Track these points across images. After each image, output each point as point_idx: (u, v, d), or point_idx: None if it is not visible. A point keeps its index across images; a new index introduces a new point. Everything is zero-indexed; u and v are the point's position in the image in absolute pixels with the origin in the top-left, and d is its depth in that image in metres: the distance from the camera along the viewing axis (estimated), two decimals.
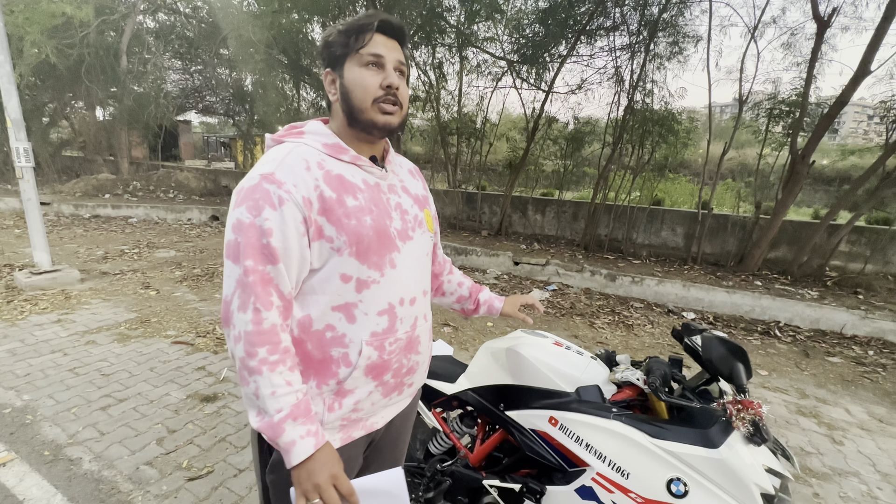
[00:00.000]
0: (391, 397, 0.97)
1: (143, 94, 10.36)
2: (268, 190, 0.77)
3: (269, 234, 0.76)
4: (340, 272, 0.83)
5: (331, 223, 0.81)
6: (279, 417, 0.76)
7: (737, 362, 1.07)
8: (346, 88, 0.85)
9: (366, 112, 0.85)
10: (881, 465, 2.36)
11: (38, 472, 1.90)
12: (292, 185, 0.78)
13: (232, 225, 0.79)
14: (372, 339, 0.87)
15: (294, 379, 0.79)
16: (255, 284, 0.77)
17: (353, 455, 0.95)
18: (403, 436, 1.11)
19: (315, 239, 0.81)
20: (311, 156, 0.84)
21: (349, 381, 0.87)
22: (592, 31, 5.90)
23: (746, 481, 1.00)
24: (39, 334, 3.28)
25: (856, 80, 4.49)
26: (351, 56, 0.84)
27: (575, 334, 4.04)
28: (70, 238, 6.56)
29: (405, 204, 0.95)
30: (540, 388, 1.29)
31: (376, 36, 0.84)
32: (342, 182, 0.84)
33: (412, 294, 0.93)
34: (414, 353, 0.96)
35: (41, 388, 2.56)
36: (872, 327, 4.21)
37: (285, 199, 0.77)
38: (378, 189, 0.90)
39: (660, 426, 1.12)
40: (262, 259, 0.77)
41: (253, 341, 0.77)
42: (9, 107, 3.99)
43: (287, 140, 0.87)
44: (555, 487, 1.18)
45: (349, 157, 0.87)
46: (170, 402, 2.50)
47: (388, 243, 0.87)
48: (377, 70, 0.84)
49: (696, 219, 5.90)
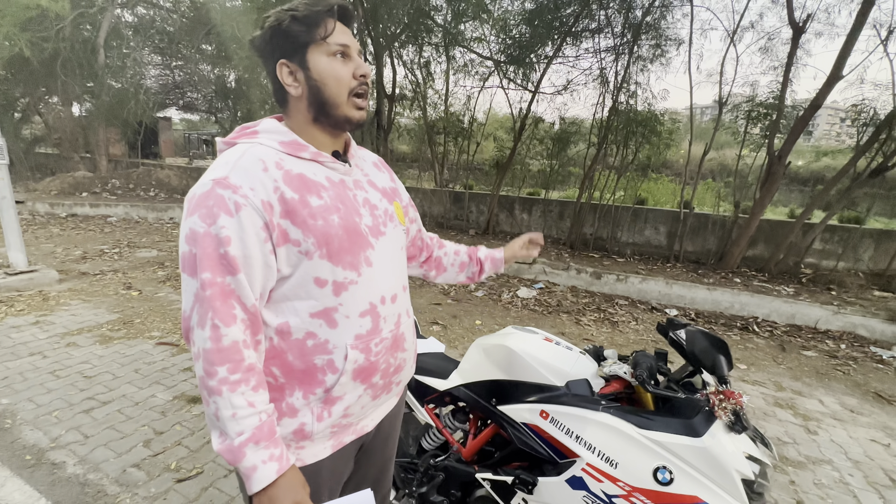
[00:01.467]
0: (380, 398, 0.95)
1: (122, 89, 10.10)
2: (222, 196, 0.71)
3: (226, 243, 0.71)
4: (314, 276, 0.79)
5: (296, 226, 0.76)
6: (240, 441, 0.71)
7: (718, 354, 1.12)
8: (317, 81, 0.79)
9: (341, 107, 0.81)
10: (852, 454, 2.47)
11: (19, 477, 1.86)
12: (249, 189, 0.73)
13: (185, 236, 0.73)
14: (357, 341, 0.83)
15: (257, 399, 0.74)
16: (214, 298, 0.71)
17: (344, 460, 0.94)
18: (392, 436, 1.10)
19: (280, 244, 0.76)
20: (269, 156, 0.78)
21: (337, 388, 0.83)
22: (578, 32, 5.99)
23: (728, 468, 1.05)
24: (16, 336, 3.19)
25: (829, 84, 4.66)
26: (315, 45, 0.78)
27: (562, 331, 4.11)
28: (46, 237, 6.37)
29: (373, 199, 0.91)
30: (531, 383, 1.32)
31: (337, 23, 0.79)
32: (304, 181, 0.78)
33: (393, 291, 0.90)
34: (400, 351, 0.94)
35: (20, 392, 2.50)
36: (844, 322, 4.38)
37: (242, 205, 0.72)
38: (343, 185, 0.85)
39: (646, 417, 1.16)
40: (220, 270, 0.71)
41: (212, 360, 0.72)
42: None
43: (240, 141, 0.81)
44: (546, 479, 1.22)
45: (309, 155, 0.81)
46: (156, 404, 2.47)
47: (360, 241, 0.83)
48: (346, 59, 0.80)
49: (679, 218, 6.05)
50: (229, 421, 0.72)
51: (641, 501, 1.10)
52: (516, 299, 4.93)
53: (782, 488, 2.14)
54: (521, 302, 4.86)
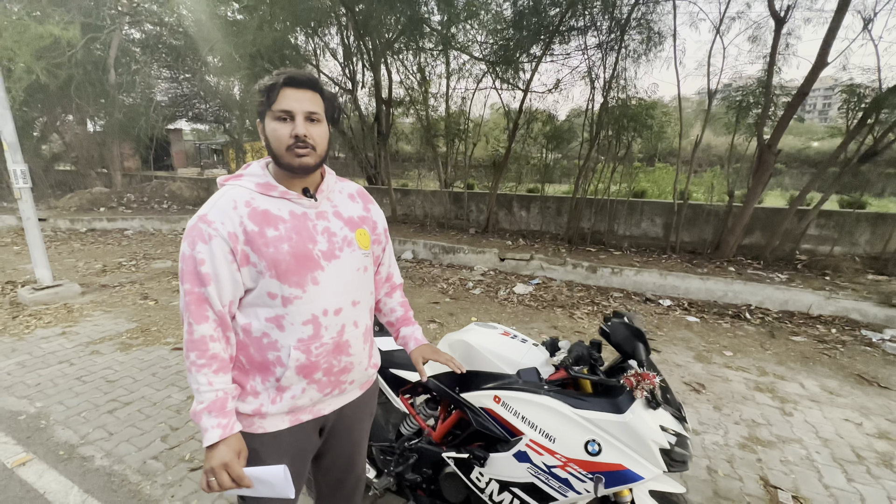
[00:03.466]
0: (331, 393, 1.13)
1: (133, 105, 10.50)
2: (201, 228, 0.98)
3: (200, 263, 0.97)
4: (267, 291, 1.01)
5: (254, 252, 0.99)
6: (199, 408, 0.97)
7: (637, 342, 1.29)
8: (267, 139, 1.02)
9: (283, 157, 1.01)
10: (823, 433, 2.59)
11: (55, 469, 2.12)
12: (220, 224, 0.98)
13: (180, 255, 1.01)
14: (299, 344, 1.03)
15: (216, 380, 0.98)
16: (191, 303, 0.98)
17: (305, 434, 1.13)
18: (358, 424, 1.27)
19: (243, 265, 1.00)
20: (242, 196, 1.02)
21: (284, 380, 1.04)
22: (565, 31, 6.09)
23: (646, 439, 1.22)
24: (46, 346, 3.49)
25: (815, 70, 4.70)
26: (267, 112, 1.00)
27: (555, 325, 4.26)
28: (68, 253, 6.74)
29: (333, 227, 1.10)
30: (487, 372, 1.50)
31: (286, 91, 0.98)
32: (267, 216, 1.01)
33: (337, 305, 1.08)
34: (344, 356, 1.11)
35: (51, 396, 2.77)
36: (837, 307, 4.44)
37: (213, 235, 0.97)
38: (305, 217, 1.06)
39: (580, 398, 1.33)
40: (196, 282, 0.98)
41: (187, 347, 0.99)
42: (4, 131, 4.16)
43: (228, 183, 1.07)
44: (497, 454, 1.40)
45: (278, 193, 1.04)
46: (172, 404, 2.71)
47: (309, 264, 1.03)
48: (288, 122, 0.99)
49: (673, 209, 6.12)
50: (196, 392, 0.99)
51: (575, 470, 1.27)
52: (512, 295, 5.09)
53: (748, 465, 2.29)
54: (517, 298, 5.02)
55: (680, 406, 1.34)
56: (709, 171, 11.19)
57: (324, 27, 7.94)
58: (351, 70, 8.87)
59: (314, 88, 1.02)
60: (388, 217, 8.39)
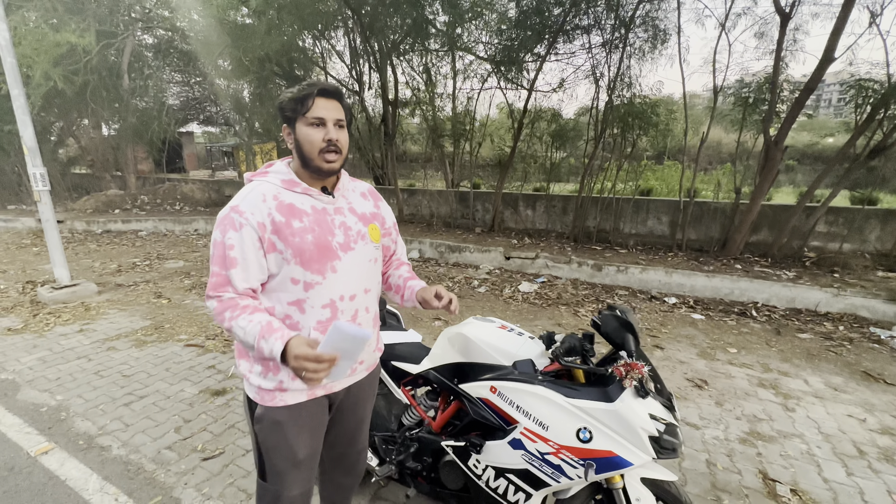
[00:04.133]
0: None
1: (146, 109, 10.74)
2: (233, 218, 1.09)
3: (230, 248, 1.08)
4: (290, 276, 1.12)
5: (280, 240, 1.10)
6: (256, 343, 1.03)
7: (626, 333, 1.33)
8: (298, 142, 1.13)
9: (314, 160, 1.13)
10: (825, 428, 2.60)
11: (75, 458, 2.22)
12: (250, 214, 1.09)
13: (212, 241, 1.12)
14: (318, 325, 1.15)
15: (255, 318, 1.05)
16: (218, 284, 1.09)
17: (320, 408, 1.25)
18: (363, 401, 1.39)
19: (269, 252, 1.11)
20: (269, 190, 1.14)
21: None
22: (569, 30, 6.11)
23: (635, 426, 1.26)
24: (65, 343, 3.62)
25: (821, 66, 4.67)
26: (300, 118, 1.12)
27: (559, 323, 4.29)
28: (85, 253, 6.94)
29: (349, 222, 1.22)
30: (483, 364, 1.56)
31: (319, 100, 1.11)
32: (292, 209, 1.13)
33: (352, 292, 1.20)
34: None
35: (71, 389, 2.89)
36: (845, 304, 4.41)
37: (244, 224, 1.08)
38: (325, 212, 1.18)
39: (573, 388, 1.38)
40: (223, 265, 1.08)
41: (219, 311, 1.08)
42: (25, 136, 4.32)
43: (255, 179, 1.19)
44: (493, 442, 1.45)
45: (301, 189, 1.16)
46: (184, 397, 2.81)
47: (328, 254, 1.14)
48: (321, 128, 1.12)
49: (679, 207, 6.10)
50: (245, 338, 1.05)
51: (567, 457, 1.33)
52: (517, 293, 5.13)
53: (748, 459, 2.31)
54: (522, 296, 5.06)
55: (670, 395, 1.38)
56: (719, 169, 11.12)
57: (330, 30, 8.05)
58: (358, 72, 8.97)
59: (340, 99, 1.16)
60: (395, 216, 8.47)
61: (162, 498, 1.98)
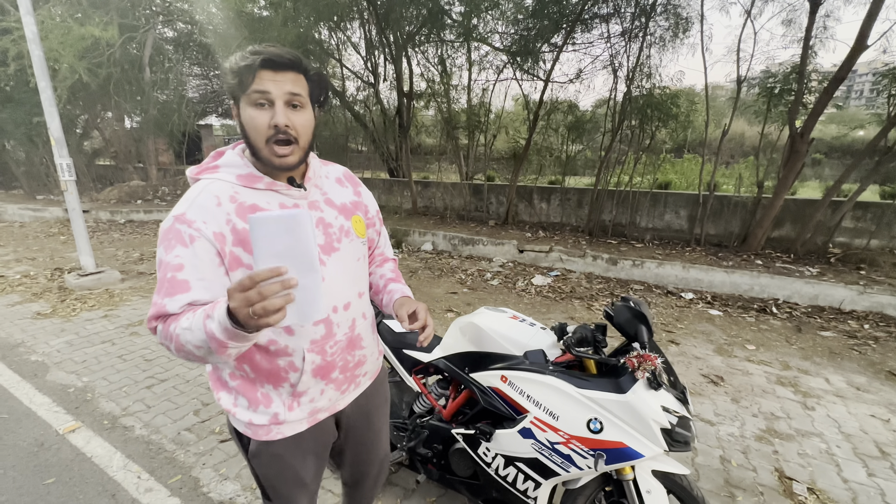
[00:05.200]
0: (347, 389, 1.08)
1: (167, 102, 10.95)
2: (179, 230, 0.83)
3: (178, 269, 0.82)
4: None
5: (248, 252, 0.86)
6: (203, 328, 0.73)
7: (639, 324, 1.32)
8: (243, 127, 0.87)
9: (261, 151, 0.87)
10: (846, 427, 2.53)
11: (100, 437, 2.31)
12: (202, 223, 0.83)
13: (157, 261, 0.86)
14: (312, 346, 0.95)
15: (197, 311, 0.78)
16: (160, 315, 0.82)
17: (323, 430, 1.08)
18: (375, 412, 1.22)
19: (233, 269, 0.86)
20: (224, 191, 0.87)
21: (301, 385, 0.97)
22: (587, 19, 5.98)
23: (646, 418, 1.25)
24: (90, 328, 3.75)
25: (853, 54, 4.47)
26: (244, 95, 0.85)
27: (572, 316, 4.27)
28: (109, 242, 7.16)
29: (328, 217, 0.99)
30: (495, 353, 1.56)
31: (263, 72, 0.83)
32: (256, 211, 0.87)
33: (345, 300, 1.00)
34: (357, 350, 1.06)
35: (96, 372, 3.00)
36: (871, 302, 4.26)
37: (196, 237, 0.83)
38: None
39: (584, 379, 1.38)
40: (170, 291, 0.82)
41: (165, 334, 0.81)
42: (52, 127, 4.46)
43: (203, 177, 0.91)
44: (503, 431, 1.46)
45: (264, 185, 0.90)
46: (203, 381, 2.90)
47: None
48: (266, 108, 0.84)
49: (699, 200, 5.96)
50: (193, 332, 0.75)
51: (577, 447, 1.32)
52: (531, 286, 5.11)
53: (764, 457, 2.27)
54: (536, 289, 5.04)
55: (684, 389, 1.37)
56: (741, 163, 10.80)
57: (346, 21, 8.04)
58: (373, 63, 8.96)
59: (297, 69, 0.86)
60: (409, 209, 8.50)
61: (181, 477, 2.05)
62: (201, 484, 2.00)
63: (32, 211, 8.96)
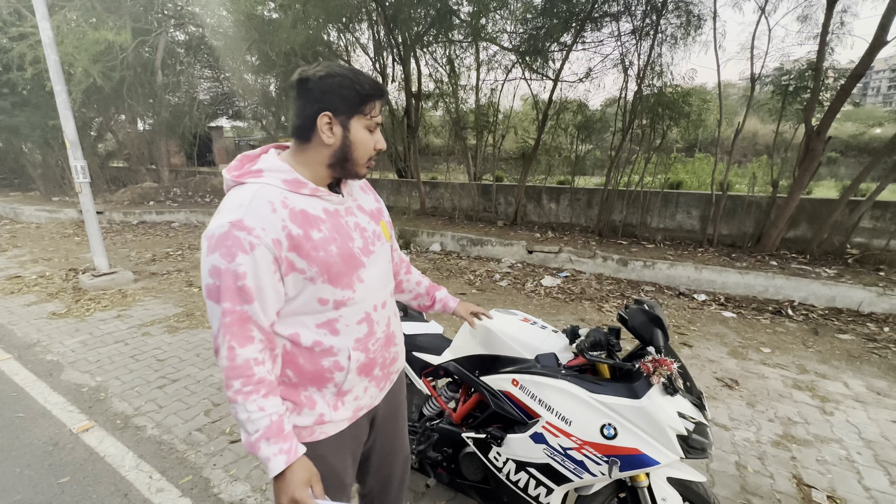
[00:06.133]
0: (384, 387, 1.16)
1: (178, 105, 11.09)
2: (238, 237, 0.84)
3: (243, 277, 0.84)
4: (317, 297, 0.94)
5: (301, 257, 0.90)
6: (255, 437, 0.87)
7: (655, 328, 1.29)
8: (349, 143, 0.95)
9: (356, 166, 0.98)
10: (867, 434, 2.46)
11: (113, 436, 2.34)
12: (261, 230, 0.85)
13: (209, 270, 0.85)
14: (357, 344, 1.01)
15: (268, 404, 0.88)
16: (233, 324, 0.86)
17: (360, 428, 1.14)
18: (399, 409, 1.30)
19: (287, 273, 0.90)
20: (275, 196, 0.90)
21: (346, 383, 1.02)
22: (597, 17, 5.92)
23: (662, 424, 1.22)
24: (104, 328, 3.80)
25: (871, 51, 4.36)
26: (359, 116, 0.94)
27: (582, 318, 4.22)
28: (122, 243, 7.26)
29: (362, 222, 1.05)
30: (506, 356, 1.54)
31: (377, 104, 0.96)
32: (306, 217, 0.92)
33: (382, 299, 1.08)
34: (393, 346, 1.14)
35: (109, 372, 3.04)
36: (891, 304, 4.16)
37: (256, 244, 0.84)
38: (338, 215, 0.99)
39: (597, 383, 1.35)
40: (238, 300, 0.85)
41: (229, 375, 0.87)
42: (66, 129, 4.53)
43: (249, 180, 0.92)
44: (514, 435, 1.44)
45: (309, 191, 0.94)
46: (214, 382, 2.91)
47: (354, 263, 0.98)
48: (373, 133, 0.98)
49: (712, 201, 5.87)
50: (246, 422, 0.88)
51: (590, 452, 1.30)
52: (540, 288, 5.07)
53: (781, 463, 2.21)
54: (545, 290, 5.00)
55: (700, 394, 1.33)
56: (754, 162, 10.62)
57: (355, 22, 8.07)
58: (381, 64, 8.98)
59: None
60: (417, 210, 8.49)
61: (192, 477, 2.06)
62: (212, 484, 2.01)
63: (48, 212, 9.13)
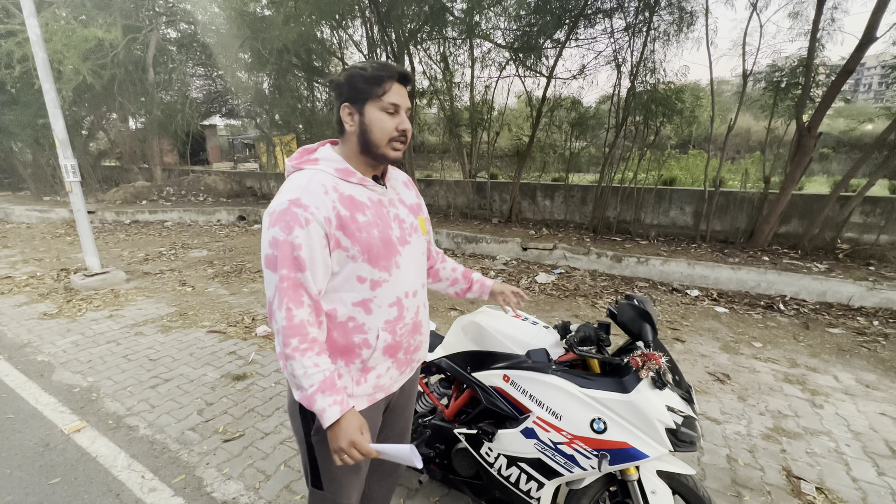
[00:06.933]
0: (405, 371, 1.21)
1: (171, 103, 10.99)
2: (296, 213, 0.96)
3: (298, 248, 0.95)
4: (357, 275, 1.04)
5: (346, 236, 1.00)
6: (311, 391, 0.97)
7: (644, 323, 1.30)
8: (366, 127, 1.03)
9: (381, 147, 1.05)
10: (855, 426, 2.49)
11: (105, 437, 2.32)
12: (315, 208, 0.97)
13: (269, 241, 0.97)
14: (386, 325, 1.09)
15: (321, 361, 0.99)
16: (289, 289, 0.96)
17: (377, 412, 1.20)
18: (412, 399, 1.36)
19: (334, 249, 1.01)
20: (328, 181, 1.02)
21: (371, 360, 1.09)
22: (590, 14, 5.93)
23: (651, 418, 1.23)
24: (96, 328, 3.77)
25: (861, 47, 4.40)
26: (372, 100, 1.01)
27: (576, 314, 4.24)
28: (114, 243, 7.20)
29: (402, 214, 1.15)
30: (497, 353, 1.55)
31: (396, 86, 1.02)
32: (353, 202, 1.03)
33: (414, 288, 1.15)
34: (418, 335, 1.20)
35: (101, 372, 3.02)
36: (880, 298, 4.20)
37: (310, 220, 0.96)
38: (381, 204, 1.09)
39: (587, 378, 1.36)
40: (293, 268, 0.96)
41: (287, 334, 0.97)
42: (56, 128, 4.48)
43: (305, 167, 1.06)
44: (506, 430, 1.44)
45: (357, 180, 1.06)
46: (207, 381, 2.90)
47: (392, 249, 1.07)
48: (395, 115, 1.04)
49: (705, 197, 5.91)
50: (302, 377, 0.97)
51: (581, 447, 1.31)
52: (534, 284, 5.08)
53: (771, 456, 2.24)
54: (539, 287, 5.01)
55: (689, 388, 1.34)
56: (747, 158, 10.69)
57: (348, 20, 8.03)
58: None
59: (411, 86, 1.08)
60: None
61: (185, 476, 2.05)
62: (205, 483, 2.01)
63: (39, 212, 9.03)
